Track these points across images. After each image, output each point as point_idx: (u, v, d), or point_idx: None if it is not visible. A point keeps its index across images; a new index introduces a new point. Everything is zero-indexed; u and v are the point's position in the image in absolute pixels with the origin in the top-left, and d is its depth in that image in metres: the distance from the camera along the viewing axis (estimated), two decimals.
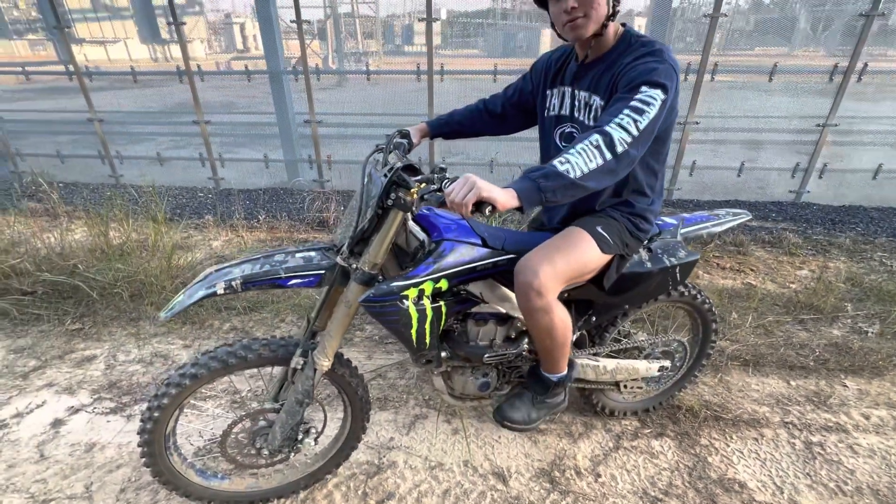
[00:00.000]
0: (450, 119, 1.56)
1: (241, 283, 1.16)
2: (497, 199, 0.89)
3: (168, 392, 1.24)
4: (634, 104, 1.03)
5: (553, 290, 1.18)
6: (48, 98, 8.02)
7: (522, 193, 0.92)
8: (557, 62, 1.36)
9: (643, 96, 1.03)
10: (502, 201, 0.90)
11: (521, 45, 18.49)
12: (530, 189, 0.93)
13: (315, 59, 16.09)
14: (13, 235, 3.39)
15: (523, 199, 0.92)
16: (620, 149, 0.99)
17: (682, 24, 13.27)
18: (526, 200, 0.92)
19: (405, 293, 1.16)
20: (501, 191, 0.91)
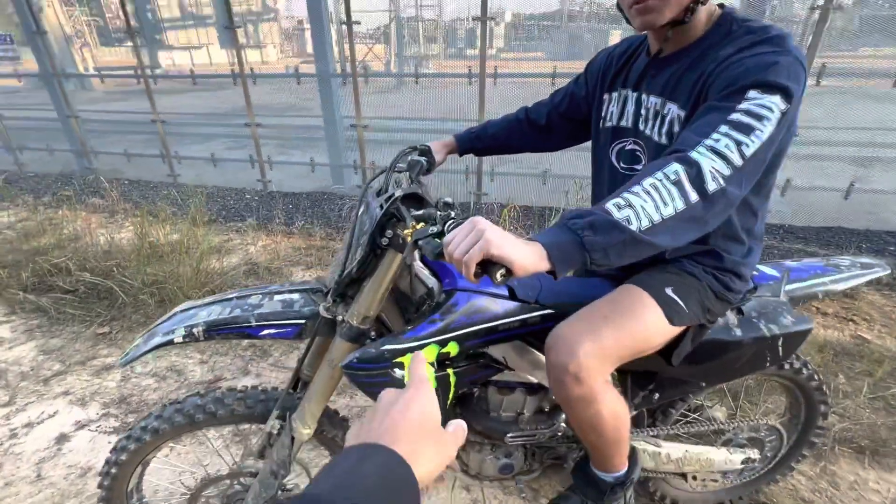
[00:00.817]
0: (483, 132, 1.26)
1: (204, 330, 0.94)
2: (514, 258, 0.59)
3: (127, 447, 1.06)
4: (738, 117, 0.68)
5: (598, 374, 0.85)
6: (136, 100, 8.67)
7: (555, 251, 0.61)
8: (621, 58, 1.03)
9: (753, 105, 0.68)
10: (522, 262, 0.59)
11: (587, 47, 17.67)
12: (568, 245, 0.61)
13: (376, 63, 16.37)
14: (73, 231, 3.53)
15: (556, 260, 0.61)
16: (713, 186, 0.65)
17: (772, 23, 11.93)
18: (560, 261, 0.61)
19: (399, 359, 0.89)
20: (523, 246, 0.61)
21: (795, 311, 1.12)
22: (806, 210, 3.88)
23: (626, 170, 1.01)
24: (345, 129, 4.47)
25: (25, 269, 2.85)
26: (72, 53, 12.94)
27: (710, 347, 1.05)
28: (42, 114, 5.73)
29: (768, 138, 0.67)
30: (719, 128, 0.68)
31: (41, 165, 5.55)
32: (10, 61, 5.35)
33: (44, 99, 5.32)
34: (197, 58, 20.53)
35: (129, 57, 4.19)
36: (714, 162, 0.65)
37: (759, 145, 0.67)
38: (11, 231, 3.61)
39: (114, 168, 5.32)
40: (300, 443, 1.05)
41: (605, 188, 1.07)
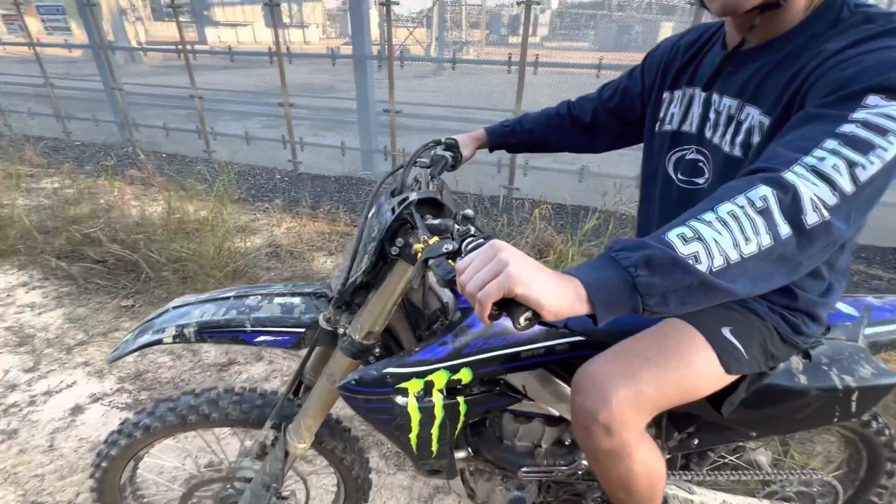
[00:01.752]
0: (518, 126, 1.13)
1: (196, 331, 0.87)
2: (544, 300, 0.46)
3: (118, 442, 1.01)
4: (852, 130, 0.52)
5: (633, 425, 0.72)
6: (180, 75, 8.86)
7: (599, 292, 0.47)
8: (689, 50, 0.87)
9: (873, 115, 0.52)
10: (553, 305, 0.46)
11: (635, 39, 16.78)
12: (616, 285, 0.47)
13: (416, 47, 16.19)
14: (108, 201, 3.61)
15: (598, 303, 0.47)
16: (814, 219, 0.49)
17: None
18: (604, 305, 0.47)
19: (403, 385, 0.79)
20: (557, 283, 0.47)
21: (876, 360, 0.94)
22: (870, 227, 3.51)
23: (684, 183, 0.86)
24: (377, 113, 4.38)
25: (60, 236, 2.92)
26: (124, 27, 13.38)
27: (766, 394, 0.90)
28: (91, 85, 5.90)
29: (893, 158, 0.51)
30: (825, 143, 0.52)
31: (86, 135, 5.74)
32: (62, 32, 5.48)
33: (93, 70, 5.47)
34: (242, 35, 20.88)
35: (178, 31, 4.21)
36: (816, 187, 0.50)
37: (878, 168, 0.51)
38: (52, 198, 3.73)
39: (153, 141, 5.43)
40: (294, 457, 0.97)
41: (656, 203, 0.92)
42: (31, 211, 3.42)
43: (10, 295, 2.57)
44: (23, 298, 2.54)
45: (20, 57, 7.39)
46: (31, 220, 3.12)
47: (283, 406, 0.99)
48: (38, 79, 5.50)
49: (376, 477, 1.56)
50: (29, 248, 2.93)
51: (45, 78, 5.37)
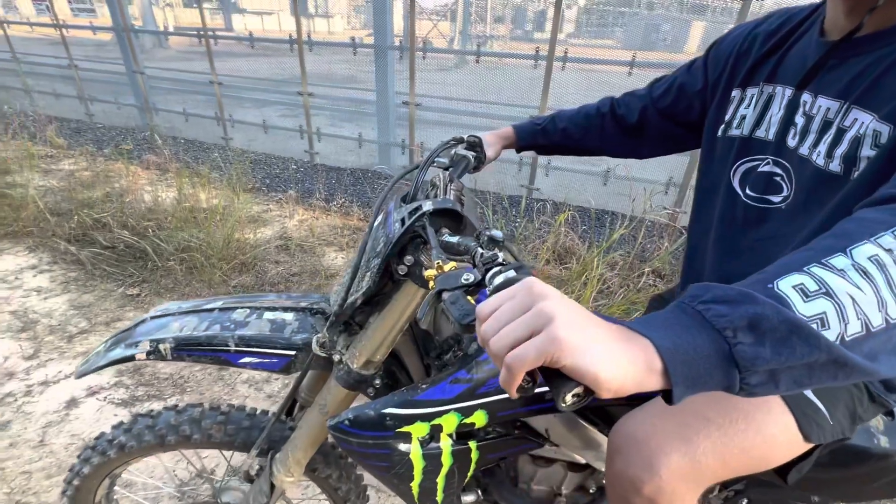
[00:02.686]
0: (550, 125, 0.98)
1: (172, 348, 0.76)
2: (603, 376, 0.33)
3: (90, 459, 0.92)
4: None
5: (684, 499, 0.58)
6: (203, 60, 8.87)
7: (680, 364, 0.33)
8: (768, 41, 0.72)
9: None
10: (616, 382, 0.33)
11: (664, 38, 16.22)
12: (705, 353, 0.33)
13: (439, 40, 15.98)
14: (122, 185, 3.58)
15: (678, 379, 0.33)
16: None
17: None
18: (686, 381, 0.33)
19: (405, 429, 0.66)
20: (617, 346, 0.34)
21: None
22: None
23: (754, 200, 0.71)
24: (397, 105, 4.25)
25: (72, 219, 2.88)
26: (153, 12, 13.50)
27: (839, 454, 0.75)
28: (115, 67, 5.91)
29: None
30: None
31: (108, 118, 5.76)
32: (87, 14, 5.49)
33: (119, 53, 5.47)
34: (268, 23, 20.97)
35: (208, 18, 4.18)
36: None
37: None
38: (68, 180, 3.71)
39: (172, 126, 5.41)
40: (281, 491, 0.86)
41: (713, 222, 0.77)
42: (46, 192, 3.40)
43: (17, 278, 2.54)
44: (30, 282, 2.51)
45: (50, 39, 7.49)
46: (46, 202, 3.09)
47: (272, 430, 0.88)
48: (63, 60, 5.53)
49: (375, 497, 1.46)
50: (41, 230, 2.90)
51: (70, 59, 5.39)
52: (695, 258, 0.84)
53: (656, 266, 2.53)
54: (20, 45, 6.03)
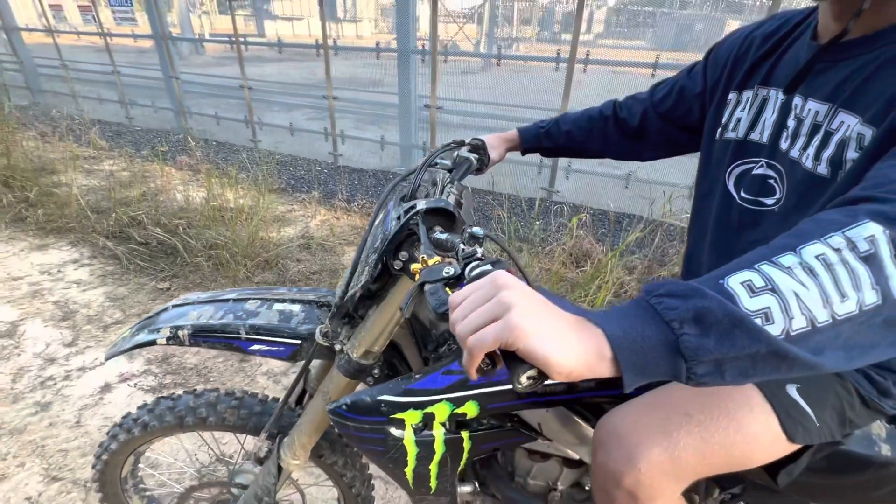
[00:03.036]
0: (554, 128, 1.01)
1: (190, 334, 0.82)
2: (553, 359, 0.36)
3: (118, 436, 0.99)
4: None
5: (664, 494, 0.60)
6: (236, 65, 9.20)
7: (629, 351, 0.36)
8: (765, 43, 0.72)
9: None
10: (565, 363, 0.36)
11: (696, 38, 15.79)
12: (654, 345, 0.36)
13: (465, 43, 16.03)
14: (157, 185, 3.77)
15: (628, 367, 0.36)
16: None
17: None
18: (634, 368, 0.36)
19: (399, 416, 0.70)
20: (571, 334, 0.37)
21: None
22: None
23: (748, 202, 0.71)
24: (419, 108, 4.32)
25: (110, 217, 3.06)
26: (190, 19, 14.11)
27: (836, 460, 0.75)
28: (153, 73, 6.22)
29: None
30: None
31: (146, 121, 6.06)
32: (129, 23, 5.80)
33: (157, 59, 5.75)
34: (298, 28, 21.53)
35: (241, 25, 4.38)
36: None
37: None
38: (108, 180, 3.93)
39: (205, 129, 5.65)
40: (288, 473, 0.91)
41: (709, 224, 0.78)
42: (88, 191, 3.62)
43: (60, 270, 2.71)
44: (72, 275, 2.68)
45: (91, 45, 7.93)
46: (87, 200, 3.29)
47: (280, 416, 0.94)
48: (106, 66, 5.85)
49: (384, 488, 1.50)
50: (82, 226, 3.09)
51: (114, 66, 5.70)
52: (692, 260, 0.84)
53: (675, 271, 2.50)
54: (67, 52, 6.41)
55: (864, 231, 0.36)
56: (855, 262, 0.36)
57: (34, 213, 3.18)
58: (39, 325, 2.25)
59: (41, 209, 3.21)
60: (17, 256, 2.86)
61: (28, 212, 3.22)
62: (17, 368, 1.97)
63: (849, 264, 0.36)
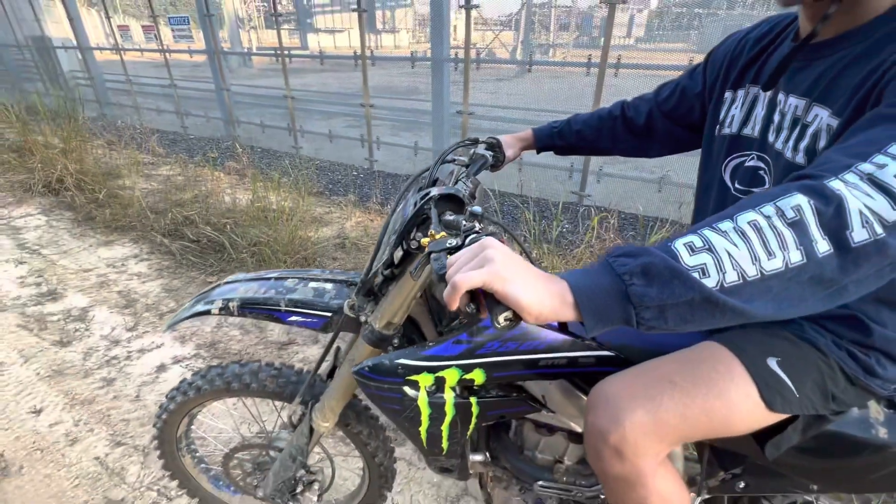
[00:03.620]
0: (566, 128, 1.08)
1: (238, 305, 0.95)
2: (524, 300, 0.44)
3: (175, 398, 1.14)
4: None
5: (648, 452, 0.66)
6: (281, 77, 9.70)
7: (587, 298, 0.44)
8: (757, 45, 0.77)
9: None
10: (534, 307, 0.44)
11: None
12: (607, 292, 0.44)
13: (501, 50, 16.14)
14: (208, 188, 4.07)
15: (587, 311, 0.44)
16: (863, 235, 0.42)
17: None
18: (592, 313, 0.44)
19: (414, 378, 0.79)
20: (540, 283, 0.45)
21: None
22: None
23: (741, 193, 0.76)
24: (451, 115, 4.44)
25: (167, 216, 3.35)
26: (240, 35, 15.01)
27: (833, 442, 0.77)
28: (206, 85, 6.69)
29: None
30: (890, 147, 0.44)
31: (199, 130, 6.51)
32: (186, 40, 6.28)
33: (209, 73, 6.19)
34: (339, 40, 22.37)
35: (286, 38, 4.68)
36: (870, 199, 0.42)
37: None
38: (165, 183, 4.28)
39: (251, 136, 6.02)
40: (319, 434, 1.02)
41: (708, 214, 0.83)
42: (147, 194, 3.95)
43: (123, 264, 3.00)
44: (133, 268, 2.96)
45: (152, 61, 8.59)
46: (147, 202, 3.61)
47: (312, 385, 1.05)
48: (165, 80, 6.35)
49: (406, 469, 1.59)
50: (143, 225, 3.40)
51: (171, 79, 6.18)
52: None
53: None
54: (131, 68, 7.00)
55: (791, 201, 0.43)
56: (782, 227, 0.42)
57: (102, 213, 3.52)
58: (106, 311, 2.51)
59: (108, 209, 3.55)
60: (87, 251, 3.18)
61: (97, 211, 3.57)
62: (88, 348, 2.21)
63: (777, 228, 0.42)
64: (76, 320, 2.43)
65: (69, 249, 3.20)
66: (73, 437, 1.73)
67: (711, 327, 0.44)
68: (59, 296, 2.65)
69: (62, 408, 1.87)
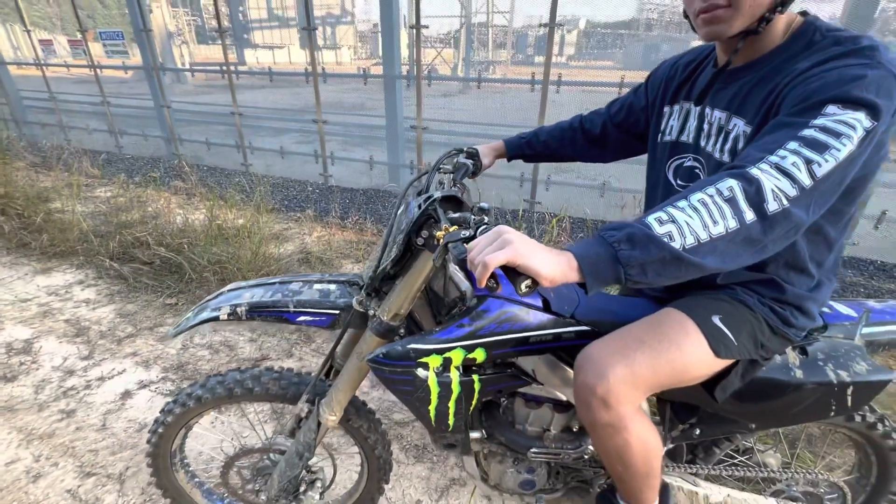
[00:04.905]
0: (534, 138, 1.24)
1: (247, 310, 1.00)
2: (541, 268, 0.57)
3: (173, 410, 1.15)
4: (811, 134, 0.62)
5: (628, 400, 0.80)
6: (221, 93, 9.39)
7: (587, 263, 0.58)
8: (686, 68, 0.97)
9: (829, 121, 0.62)
10: (549, 273, 0.57)
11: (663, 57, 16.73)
12: (603, 257, 0.58)
13: (444, 67, 16.61)
14: (155, 209, 3.89)
15: (588, 273, 0.58)
16: (775, 206, 0.59)
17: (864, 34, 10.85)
18: (592, 274, 0.58)
19: (424, 360, 0.89)
20: (552, 255, 0.59)
21: (873, 358, 0.99)
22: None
23: (682, 188, 0.95)
24: (405, 129, 4.58)
25: (113, 239, 3.18)
26: (172, 49, 14.33)
27: (763, 387, 0.96)
28: (141, 103, 6.38)
29: (846, 158, 0.60)
30: (787, 144, 0.62)
31: (136, 149, 6.18)
32: (120, 55, 5.97)
33: (144, 90, 5.92)
34: (278, 56, 21.97)
35: (220, 54, 4.57)
36: (778, 181, 0.60)
37: (833, 165, 0.60)
38: (106, 205, 4.04)
39: (195, 155, 5.80)
40: (326, 428, 1.08)
41: None
42: (87, 216, 3.72)
43: (68, 291, 2.82)
44: (79, 295, 2.78)
45: (77, 77, 8.05)
46: (88, 225, 3.40)
47: (316, 384, 1.11)
48: (96, 97, 5.98)
49: (396, 467, 1.66)
50: (86, 249, 3.20)
51: (103, 97, 5.84)
52: None
53: None
54: (55, 84, 6.53)
55: (725, 183, 0.60)
56: (722, 202, 0.58)
57: (38, 239, 3.27)
58: (54, 341, 2.35)
59: (45, 234, 3.30)
60: (23, 280, 2.95)
61: (31, 237, 3.32)
62: (38, 381, 2.07)
63: (718, 204, 0.58)
64: (20, 353, 2.26)
65: (0, 279, 2.95)
66: (36, 473, 1.63)
67: (677, 280, 0.59)
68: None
69: (17, 444, 1.75)
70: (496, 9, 17.63)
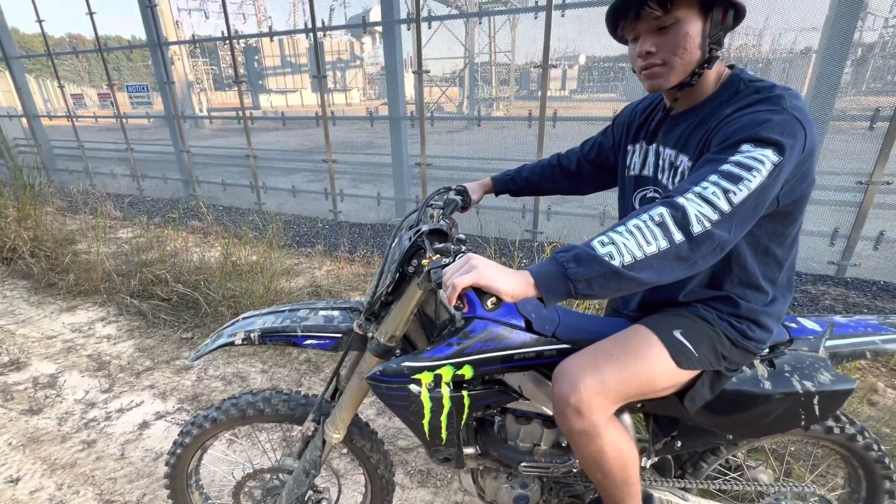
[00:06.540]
0: (517, 174, 1.37)
1: (259, 335, 1.11)
2: (501, 287, 0.68)
3: (190, 431, 1.24)
4: (728, 168, 0.74)
5: (599, 409, 0.88)
6: (236, 136, 9.88)
7: (542, 280, 0.69)
8: (643, 113, 1.10)
9: (743, 157, 0.74)
10: (509, 290, 0.68)
11: None
12: (554, 275, 0.69)
13: (449, 105, 17.21)
14: (173, 248, 4.09)
15: (543, 289, 0.69)
16: (699, 229, 0.70)
17: (882, 60, 11.15)
18: (547, 289, 0.69)
19: (417, 376, 0.99)
20: (511, 276, 0.70)
21: (837, 369, 1.06)
22: None
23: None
24: (410, 166, 4.79)
25: (134, 277, 3.35)
26: (191, 97, 15.20)
27: (735, 398, 1.03)
28: (162, 148, 6.76)
29: (758, 187, 0.72)
30: (709, 177, 0.73)
31: (156, 191, 6.50)
32: (144, 106, 6.40)
33: (164, 135, 6.30)
34: (291, 100, 23.04)
35: (236, 98, 4.92)
36: (700, 207, 0.71)
37: (747, 193, 0.72)
38: (127, 245, 4.26)
39: (212, 195, 6.09)
40: (331, 446, 1.17)
41: None
42: (110, 256, 3.92)
43: (90, 328, 2.96)
44: (101, 331, 2.93)
45: (102, 126, 8.57)
46: (111, 265, 3.59)
47: (321, 405, 1.20)
48: (121, 144, 6.37)
49: (401, 491, 1.71)
50: (108, 288, 3.37)
51: (127, 143, 6.22)
52: None
53: None
54: (83, 133, 6.97)
55: (657, 210, 0.71)
56: (654, 227, 0.70)
57: (65, 279, 3.46)
58: (77, 375, 2.47)
59: (71, 275, 3.50)
60: (49, 318, 3.11)
61: (57, 277, 3.51)
62: (62, 413, 2.18)
63: (650, 228, 0.70)
64: (45, 387, 2.38)
65: (28, 318, 3.11)
66: (59, 501, 1.71)
67: (620, 294, 0.70)
68: (23, 365, 2.58)
69: (41, 474, 1.84)
70: (498, 49, 18.43)
